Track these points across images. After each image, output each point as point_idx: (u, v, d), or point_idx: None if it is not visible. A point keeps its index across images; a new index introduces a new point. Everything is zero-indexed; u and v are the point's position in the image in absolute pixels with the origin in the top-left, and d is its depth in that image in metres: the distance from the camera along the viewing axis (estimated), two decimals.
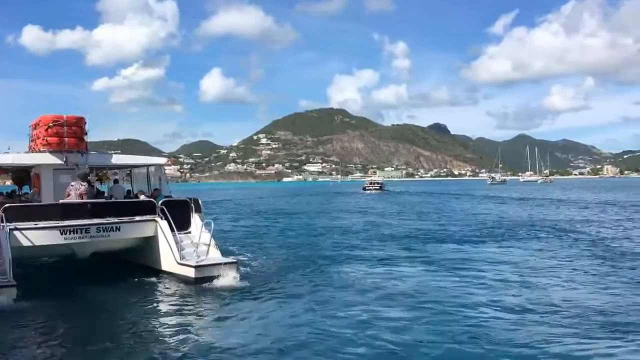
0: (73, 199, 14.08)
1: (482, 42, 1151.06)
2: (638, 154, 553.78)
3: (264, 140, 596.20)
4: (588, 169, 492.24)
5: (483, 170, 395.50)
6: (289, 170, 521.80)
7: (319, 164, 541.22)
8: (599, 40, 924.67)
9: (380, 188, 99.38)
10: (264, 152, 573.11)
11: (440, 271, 14.91)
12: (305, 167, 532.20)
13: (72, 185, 14.34)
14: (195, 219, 15.33)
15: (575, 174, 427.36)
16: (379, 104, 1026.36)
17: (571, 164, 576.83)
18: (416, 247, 20.20)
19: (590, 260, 16.32)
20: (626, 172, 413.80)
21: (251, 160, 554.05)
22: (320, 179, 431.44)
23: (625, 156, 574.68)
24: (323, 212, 43.30)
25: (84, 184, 14.44)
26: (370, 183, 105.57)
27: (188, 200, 15.74)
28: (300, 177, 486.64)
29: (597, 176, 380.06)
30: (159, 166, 18.21)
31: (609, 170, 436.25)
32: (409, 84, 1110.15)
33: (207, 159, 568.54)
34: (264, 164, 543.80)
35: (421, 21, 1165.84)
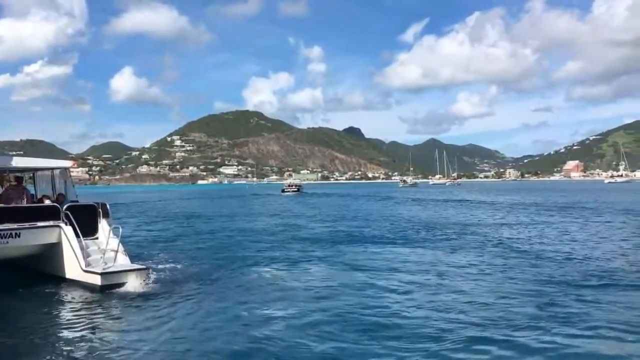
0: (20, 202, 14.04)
1: (394, 48, 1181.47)
2: (537, 158, 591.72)
3: (177, 142, 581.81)
4: (492, 172, 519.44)
5: (396, 173, 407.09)
6: (204, 173, 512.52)
7: (235, 167, 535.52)
8: (501, 51, 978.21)
9: (298, 190, 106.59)
10: (177, 154, 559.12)
11: (350, 271, 15.34)
12: (221, 170, 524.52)
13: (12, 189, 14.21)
14: (103, 225, 14.91)
15: (481, 177, 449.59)
16: (294, 107, 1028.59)
17: (477, 168, 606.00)
18: (329, 248, 20.62)
19: (491, 259, 17.30)
20: (526, 175, 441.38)
21: (165, 162, 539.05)
22: (235, 182, 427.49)
23: (525, 160, 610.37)
24: (240, 215, 43.05)
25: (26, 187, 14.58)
26: (289, 185, 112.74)
27: (95, 204, 15.26)
28: (216, 179, 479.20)
29: (501, 179, 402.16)
30: (64, 169, 17.44)
31: (511, 173, 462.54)
32: (324, 88, 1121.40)
33: (117, 161, 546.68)
34: (178, 166, 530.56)
35: (335, 26, 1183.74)
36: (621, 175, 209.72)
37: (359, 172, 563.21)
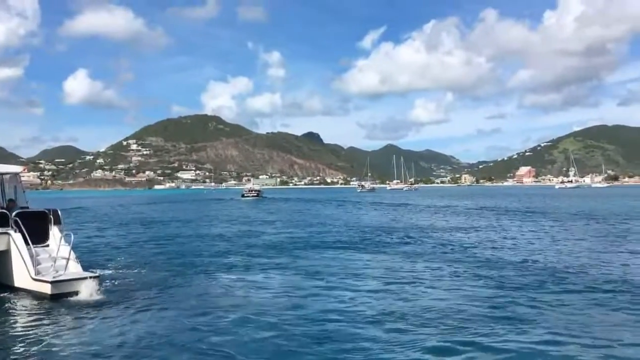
0: None
1: (352, 55, 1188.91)
2: (491, 164, 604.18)
3: (134, 147, 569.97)
4: (448, 177, 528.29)
5: (354, 178, 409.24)
6: (161, 178, 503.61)
7: (193, 172, 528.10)
8: (456, 59, 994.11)
9: (258, 195, 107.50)
10: (134, 158, 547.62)
11: (307, 278, 15.39)
12: (179, 175, 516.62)
13: None
14: (54, 231, 14.56)
15: (437, 182, 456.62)
16: (253, 111, 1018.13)
17: (434, 173, 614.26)
18: (287, 254, 20.61)
19: (448, 264, 17.65)
20: (481, 180, 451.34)
21: (120, 166, 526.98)
22: (193, 187, 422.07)
23: (480, 166, 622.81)
24: (197, 221, 42.51)
25: None
26: (249, 190, 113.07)
27: (46, 211, 14.89)
28: (173, 184, 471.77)
29: (456, 184, 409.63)
30: (14, 174, 16.94)
31: (467, 179, 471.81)
32: (283, 93, 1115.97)
33: (71, 165, 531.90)
34: (134, 171, 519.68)
35: (295, 32, 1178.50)
36: (571, 181, 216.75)
37: (318, 177, 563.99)
